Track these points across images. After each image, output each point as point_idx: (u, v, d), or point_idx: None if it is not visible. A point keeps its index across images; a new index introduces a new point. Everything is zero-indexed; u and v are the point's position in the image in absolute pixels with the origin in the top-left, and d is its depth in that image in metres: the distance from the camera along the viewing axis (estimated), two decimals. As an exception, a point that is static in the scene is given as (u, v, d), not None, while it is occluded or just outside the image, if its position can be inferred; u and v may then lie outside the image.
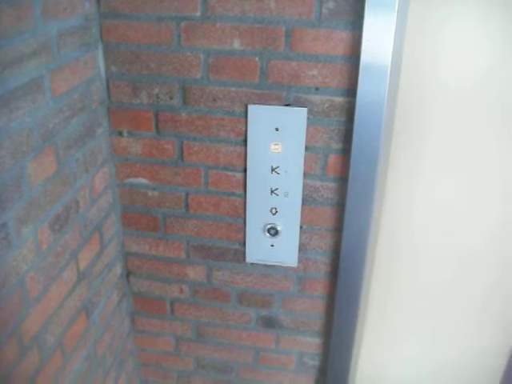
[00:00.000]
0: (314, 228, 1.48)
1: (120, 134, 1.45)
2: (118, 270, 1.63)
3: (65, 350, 1.34)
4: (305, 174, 1.41)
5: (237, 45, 1.29)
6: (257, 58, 1.30)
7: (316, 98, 1.32)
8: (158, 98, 1.39)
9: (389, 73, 1.24)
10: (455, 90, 1.45)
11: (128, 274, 1.67)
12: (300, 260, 1.53)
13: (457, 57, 1.41)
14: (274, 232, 1.47)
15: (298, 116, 1.34)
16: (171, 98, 1.38)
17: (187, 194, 1.50)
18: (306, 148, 1.37)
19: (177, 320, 1.73)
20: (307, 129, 1.35)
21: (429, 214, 1.63)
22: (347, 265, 1.46)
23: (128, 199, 1.54)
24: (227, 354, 1.76)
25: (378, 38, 1.21)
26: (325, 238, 1.49)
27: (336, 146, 1.36)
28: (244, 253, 1.54)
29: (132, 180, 1.51)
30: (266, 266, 1.56)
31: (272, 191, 1.43)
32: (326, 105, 1.32)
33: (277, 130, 1.36)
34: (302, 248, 1.51)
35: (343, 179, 1.39)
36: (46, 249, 1.19)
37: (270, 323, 1.66)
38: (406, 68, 1.43)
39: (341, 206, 1.43)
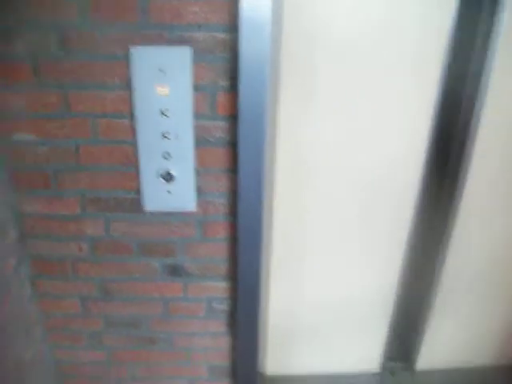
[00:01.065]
0: (209, 170, 1.47)
1: (-2, 87, 1.37)
2: (13, 232, 1.56)
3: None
4: (195, 115, 1.39)
5: (112, -17, 1.24)
6: (135, -3, 1.25)
7: (199, 35, 1.30)
8: (35, 46, 1.32)
9: (270, 6, 1.23)
10: (340, 30, 1.46)
11: (24, 236, 1.60)
12: (199, 204, 1.52)
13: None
14: (168, 177, 1.45)
15: (182, 55, 1.31)
16: (50, 46, 1.32)
17: (77, 146, 1.45)
18: (194, 88, 1.35)
19: (80, 280, 1.68)
20: (193, 68, 1.33)
21: (319, 152, 1.65)
22: (245, 205, 1.46)
23: (16, 157, 1.47)
24: (136, 308, 1.74)
25: (256, -30, 1.20)
26: (221, 180, 1.48)
27: (224, 83, 1.35)
28: (141, 202, 1.51)
29: (18, 136, 1.44)
30: (164, 213, 1.54)
31: (163, 135, 1.40)
32: (210, 42, 1.30)
33: (162, 71, 1.33)
34: (200, 192, 1.50)
35: (234, 117, 1.38)
36: None
37: (175, 272, 1.65)
38: (290, 2, 1.43)
39: (234, 145, 1.42)
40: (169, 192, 1.48)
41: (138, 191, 1.50)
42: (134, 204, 1.52)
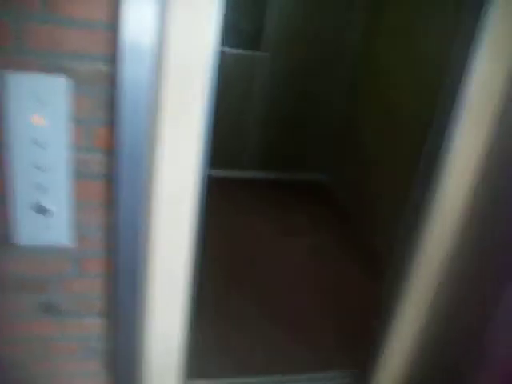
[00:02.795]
0: (86, 204, 1.41)
1: None
2: None
3: None
4: (72, 147, 1.33)
5: (-15, 6, 1.19)
6: (8, 20, 1.20)
7: (79, 65, 1.26)
8: None
9: (153, 52, 1.23)
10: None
11: None
12: (75, 239, 1.45)
13: None
14: (43, 211, 1.38)
15: (59, 85, 1.26)
16: None
17: None
18: (72, 119, 1.31)
19: None
20: (72, 99, 1.29)
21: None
22: (122, 240, 1.42)
23: None
24: (9, 349, 1.62)
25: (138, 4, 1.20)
26: (98, 214, 1.43)
27: (103, 116, 1.31)
28: (14, 235, 1.42)
29: None
30: (40, 248, 1.45)
31: (37, 167, 1.33)
32: (91, 73, 1.27)
33: (39, 100, 1.27)
34: (77, 226, 1.43)
35: (112, 151, 1.34)
36: None
37: (50, 309, 1.55)
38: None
39: (112, 179, 1.37)
40: (43, 226, 1.40)
41: (10, 225, 1.41)
42: (7, 238, 1.43)
